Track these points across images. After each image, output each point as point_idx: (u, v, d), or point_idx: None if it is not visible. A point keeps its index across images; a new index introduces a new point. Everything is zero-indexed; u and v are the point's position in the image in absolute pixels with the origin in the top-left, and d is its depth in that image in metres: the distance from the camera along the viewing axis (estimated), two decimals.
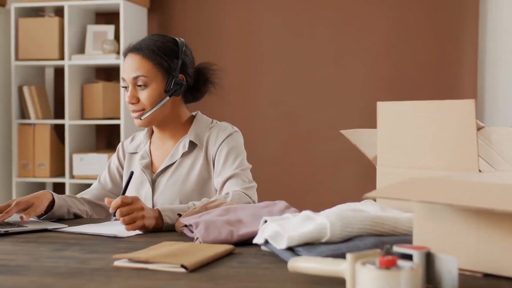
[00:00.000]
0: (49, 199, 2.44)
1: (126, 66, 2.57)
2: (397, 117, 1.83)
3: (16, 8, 5.34)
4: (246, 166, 2.55)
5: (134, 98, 2.55)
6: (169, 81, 2.56)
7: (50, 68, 5.75)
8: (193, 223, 1.95)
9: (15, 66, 5.32)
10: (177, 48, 2.61)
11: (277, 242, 1.62)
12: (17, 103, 5.36)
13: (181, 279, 1.47)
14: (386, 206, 1.80)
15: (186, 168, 2.57)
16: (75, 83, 5.33)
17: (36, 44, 5.29)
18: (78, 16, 5.37)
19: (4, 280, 1.50)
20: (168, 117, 2.61)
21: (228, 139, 2.56)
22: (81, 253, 1.80)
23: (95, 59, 5.25)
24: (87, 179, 5.18)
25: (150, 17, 5.56)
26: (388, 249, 1.30)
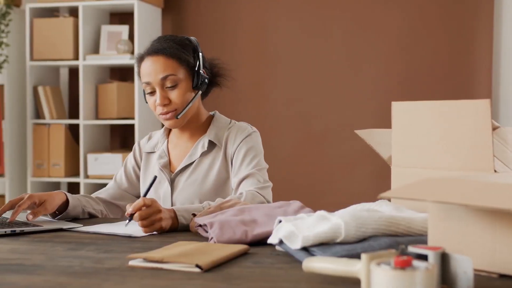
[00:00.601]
0: (62, 199, 2.44)
1: (149, 69, 2.52)
2: (412, 117, 1.83)
3: (31, 9, 5.36)
4: (262, 166, 2.54)
5: (166, 99, 2.51)
6: (195, 76, 2.55)
7: (65, 68, 5.77)
8: (208, 223, 1.95)
9: (30, 66, 5.35)
10: (193, 44, 2.60)
11: (291, 242, 1.62)
12: (32, 103, 5.38)
13: (196, 279, 1.47)
14: (400, 206, 1.80)
15: (205, 168, 2.56)
16: (89, 83, 5.35)
17: (50, 44, 5.31)
18: (93, 16, 5.38)
19: (20, 279, 1.51)
20: (191, 117, 2.60)
21: (247, 139, 2.56)
22: (96, 252, 1.80)
23: (109, 59, 5.26)
24: (101, 179, 5.19)
25: (164, 17, 5.57)
26: (403, 249, 1.30)
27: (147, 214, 2.09)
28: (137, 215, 2.09)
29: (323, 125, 5.26)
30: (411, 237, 1.62)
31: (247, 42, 5.41)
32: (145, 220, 2.09)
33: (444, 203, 1.46)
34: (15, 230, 2.13)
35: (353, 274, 1.32)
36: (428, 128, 1.79)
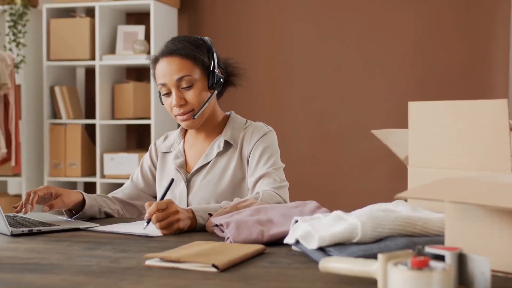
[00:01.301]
0: (79, 197, 2.45)
1: (164, 70, 2.51)
2: (428, 117, 1.82)
3: (48, 9, 5.38)
4: (279, 166, 2.54)
5: (182, 99, 2.50)
6: (211, 76, 2.55)
7: (81, 68, 5.79)
8: (224, 222, 1.95)
9: (46, 66, 5.37)
10: (208, 44, 2.60)
11: (308, 242, 1.62)
12: (48, 103, 5.41)
13: (212, 279, 1.47)
14: (417, 206, 1.79)
15: (220, 168, 2.56)
16: (106, 83, 5.36)
17: (67, 44, 5.33)
18: (109, 16, 5.40)
19: (37, 278, 1.51)
20: (207, 117, 2.60)
21: (263, 138, 2.56)
22: (112, 252, 1.81)
23: (125, 59, 5.28)
24: (117, 179, 5.21)
25: (180, 17, 5.58)
26: (420, 249, 1.29)
27: (164, 216, 2.10)
28: (154, 218, 2.09)
29: (339, 125, 5.26)
30: (427, 238, 1.62)
31: (263, 42, 5.41)
32: (162, 221, 2.09)
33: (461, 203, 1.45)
34: (32, 229, 2.14)
35: (369, 274, 1.32)
36: (445, 128, 1.78)
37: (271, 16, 5.39)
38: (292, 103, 5.35)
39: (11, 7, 5.31)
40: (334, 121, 5.27)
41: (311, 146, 5.32)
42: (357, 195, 5.19)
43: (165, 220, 2.09)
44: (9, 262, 1.70)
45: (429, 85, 5.08)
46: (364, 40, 5.22)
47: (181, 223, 2.12)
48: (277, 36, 5.39)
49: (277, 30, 5.39)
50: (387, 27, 5.18)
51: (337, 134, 5.26)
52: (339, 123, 5.26)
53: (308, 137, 5.32)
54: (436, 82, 5.08)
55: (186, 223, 2.14)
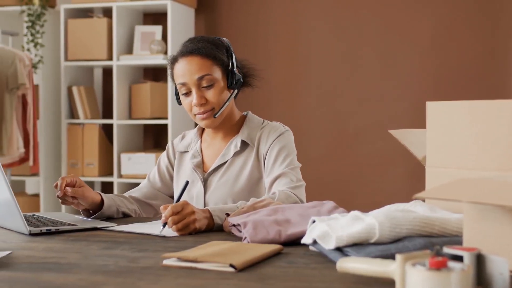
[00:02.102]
0: (97, 197, 2.46)
1: (184, 70, 2.51)
2: (447, 117, 1.81)
3: (65, 9, 5.41)
4: (295, 165, 2.53)
5: (203, 98, 2.50)
6: (230, 76, 2.55)
7: (99, 69, 5.82)
8: (241, 222, 1.95)
9: (64, 66, 5.39)
10: (226, 44, 2.60)
11: (325, 242, 1.62)
12: (66, 103, 5.43)
13: (230, 279, 1.47)
14: (435, 206, 1.79)
15: (237, 168, 2.56)
16: (123, 83, 5.38)
17: (85, 44, 5.36)
18: (126, 16, 5.42)
19: (55, 277, 1.52)
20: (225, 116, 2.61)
21: (280, 138, 2.55)
22: (130, 252, 1.81)
23: (143, 59, 5.29)
24: (135, 179, 5.23)
25: (197, 17, 5.59)
26: (438, 250, 1.29)
27: (180, 218, 2.10)
28: (170, 220, 2.09)
29: (356, 124, 5.25)
30: (445, 238, 1.61)
31: (280, 42, 5.41)
32: (179, 224, 2.09)
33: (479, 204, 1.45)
34: (51, 229, 2.15)
35: (387, 274, 1.32)
36: (463, 128, 1.78)
37: (288, 16, 5.39)
38: (309, 103, 5.35)
39: (29, 7, 5.34)
40: (351, 121, 5.26)
41: (328, 146, 5.31)
42: (374, 195, 5.18)
43: (181, 222, 2.09)
44: (28, 261, 1.71)
45: (446, 85, 5.07)
46: (381, 40, 5.21)
47: (198, 224, 2.12)
48: (294, 36, 5.39)
49: (294, 30, 5.39)
50: (404, 27, 5.16)
51: (354, 134, 5.26)
52: (356, 123, 5.25)
53: (325, 137, 5.31)
54: (453, 82, 5.06)
55: (203, 223, 2.14)
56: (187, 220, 2.10)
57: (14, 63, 4.85)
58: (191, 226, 2.11)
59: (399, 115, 5.15)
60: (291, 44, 5.40)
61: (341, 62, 5.29)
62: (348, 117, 5.27)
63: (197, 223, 2.11)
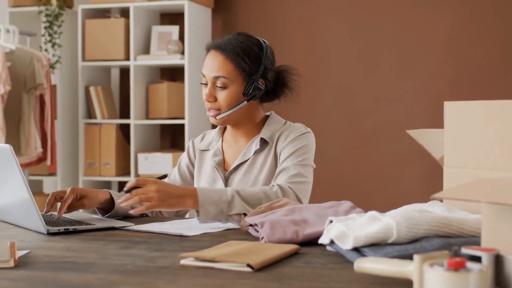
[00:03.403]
0: (106, 196, 2.47)
1: (208, 62, 2.55)
2: (464, 117, 1.81)
3: (83, 10, 5.43)
4: (307, 163, 2.52)
5: (212, 97, 2.52)
6: (249, 85, 2.54)
7: (116, 69, 5.84)
8: (258, 222, 1.95)
9: (82, 66, 5.42)
10: (261, 53, 2.59)
11: (342, 243, 1.61)
12: (83, 103, 5.45)
13: (247, 279, 1.47)
14: (453, 207, 1.78)
15: (258, 166, 2.56)
16: (140, 83, 5.40)
17: (102, 45, 5.38)
18: (143, 17, 5.43)
19: (73, 277, 1.53)
20: (244, 118, 2.59)
21: (298, 138, 2.55)
22: (147, 251, 1.82)
23: (159, 59, 5.31)
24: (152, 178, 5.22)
25: (214, 17, 5.59)
26: (456, 250, 1.28)
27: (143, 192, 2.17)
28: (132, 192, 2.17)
29: (373, 124, 5.24)
30: (463, 238, 1.60)
31: (297, 41, 5.41)
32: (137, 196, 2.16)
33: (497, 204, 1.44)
34: (68, 228, 2.16)
35: (405, 275, 1.31)
36: (482, 128, 1.77)
37: (305, 15, 5.39)
38: (326, 103, 5.34)
39: (47, 8, 5.37)
40: (368, 121, 5.25)
41: (345, 146, 5.31)
42: (391, 195, 5.16)
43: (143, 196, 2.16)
44: (46, 260, 1.72)
45: (463, 85, 5.05)
46: (398, 40, 5.20)
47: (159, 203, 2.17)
48: (310, 36, 5.39)
49: (310, 29, 5.39)
50: (420, 27, 5.15)
51: (371, 134, 5.25)
52: (373, 123, 5.24)
53: (342, 137, 5.31)
54: (470, 81, 5.04)
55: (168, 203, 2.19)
56: (148, 196, 2.16)
57: (32, 63, 4.87)
58: (154, 202, 2.16)
59: (416, 115, 5.13)
60: (308, 44, 5.39)
61: (358, 62, 5.28)
62: (365, 117, 5.26)
63: (158, 202, 2.16)
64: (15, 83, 4.83)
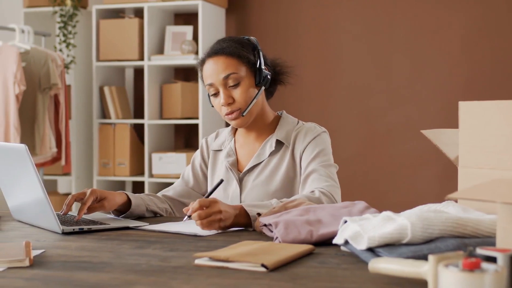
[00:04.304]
0: (124, 199, 2.46)
1: (211, 71, 2.53)
2: (479, 117, 1.80)
3: (97, 10, 5.45)
4: (331, 164, 2.52)
5: (230, 97, 2.51)
6: (258, 73, 2.55)
7: (130, 69, 5.85)
8: (273, 222, 1.95)
9: (96, 67, 5.43)
10: (253, 43, 2.60)
11: (357, 243, 1.61)
12: (98, 103, 5.47)
13: (262, 278, 1.47)
14: (467, 207, 1.77)
15: (272, 168, 2.55)
16: (154, 83, 5.41)
17: (116, 45, 5.39)
18: (157, 17, 5.44)
19: (89, 276, 1.53)
20: (256, 116, 2.59)
21: (317, 138, 2.55)
22: (162, 251, 1.82)
23: (174, 60, 5.31)
24: (166, 178, 5.25)
25: (228, 17, 5.60)
26: (471, 251, 1.28)
27: (207, 215, 2.10)
28: (196, 215, 2.10)
29: (387, 124, 5.23)
30: (478, 239, 1.60)
31: (311, 41, 5.41)
32: (204, 219, 2.09)
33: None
34: (83, 228, 2.17)
35: (420, 275, 1.31)
36: (497, 128, 1.76)
37: (319, 15, 5.38)
38: (340, 102, 5.34)
39: (61, 8, 5.39)
40: (383, 120, 5.24)
41: (359, 146, 5.30)
42: (406, 195, 5.15)
43: (207, 219, 2.09)
44: (61, 260, 1.73)
45: (478, 85, 5.03)
46: (413, 39, 5.18)
47: (222, 223, 2.11)
48: (324, 35, 5.38)
49: (324, 29, 5.38)
50: (435, 26, 5.13)
51: (386, 134, 5.24)
52: (388, 123, 5.23)
53: (356, 137, 5.30)
54: (485, 81, 5.02)
55: (229, 222, 2.13)
56: (213, 218, 2.09)
57: (47, 64, 4.89)
58: (215, 224, 2.10)
59: (430, 115, 5.12)
60: (322, 44, 5.39)
61: (372, 61, 5.27)
62: (379, 117, 5.25)
63: (221, 223, 2.11)
64: (30, 83, 4.85)
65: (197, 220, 2.09)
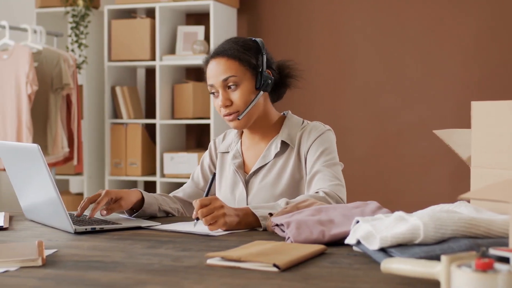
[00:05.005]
0: (138, 197, 2.48)
1: (212, 72, 2.54)
2: (492, 117, 1.80)
3: (109, 10, 5.46)
4: (336, 163, 2.52)
5: (228, 100, 2.52)
6: (258, 77, 2.54)
7: (142, 69, 5.86)
8: (284, 222, 1.95)
9: (108, 67, 5.45)
10: (258, 46, 2.59)
11: (369, 243, 1.61)
12: (109, 103, 5.48)
13: (274, 278, 1.47)
14: (480, 207, 1.77)
15: (278, 169, 2.55)
16: (166, 83, 5.42)
17: (128, 45, 5.40)
18: (169, 17, 5.45)
19: (101, 276, 1.54)
20: (259, 118, 2.60)
21: (321, 137, 2.54)
22: (174, 250, 1.82)
23: (185, 60, 5.32)
24: (177, 178, 5.25)
25: (240, 17, 5.60)
26: (484, 251, 1.28)
27: (209, 211, 2.10)
28: (199, 214, 2.10)
29: (399, 124, 5.22)
30: (491, 239, 1.59)
31: (322, 41, 5.40)
32: (208, 216, 2.10)
33: None
34: (95, 227, 2.17)
35: (432, 275, 1.31)
36: (509, 128, 1.76)
37: (331, 15, 5.38)
38: (352, 102, 5.33)
39: (73, 8, 5.41)
40: (394, 121, 5.23)
41: (372, 146, 5.29)
42: (418, 195, 5.14)
43: (210, 215, 2.10)
44: (73, 259, 1.73)
45: (491, 85, 5.01)
46: (424, 39, 5.17)
47: (228, 218, 2.11)
48: (336, 35, 5.38)
49: (336, 29, 5.37)
50: (447, 26, 5.12)
51: (398, 134, 5.23)
52: (400, 123, 5.22)
53: (368, 137, 5.29)
54: (498, 81, 5.00)
55: (234, 219, 2.13)
56: (216, 213, 2.10)
57: (59, 64, 4.91)
58: (221, 220, 2.10)
59: (442, 115, 5.10)
60: (334, 44, 5.38)
61: (384, 61, 5.26)
62: (391, 117, 5.24)
63: (227, 218, 2.11)
64: (42, 84, 4.87)
65: (202, 218, 2.10)
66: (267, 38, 5.32)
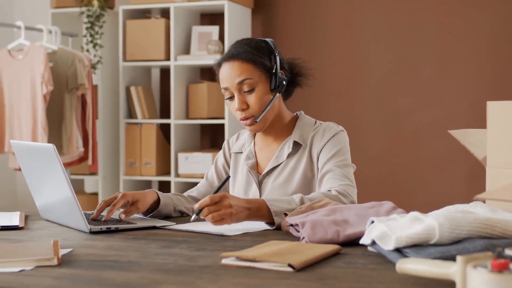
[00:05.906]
0: (154, 197, 2.48)
1: (226, 75, 2.53)
2: (508, 117, 1.79)
3: (124, 10, 5.47)
4: (348, 164, 2.51)
5: (244, 103, 2.51)
6: (273, 78, 2.54)
7: (156, 69, 5.87)
8: (299, 222, 1.95)
9: (122, 67, 5.46)
10: (270, 46, 2.59)
11: (384, 243, 1.61)
12: (124, 103, 5.50)
13: (288, 278, 1.47)
14: (496, 208, 1.76)
15: (291, 169, 2.55)
16: (180, 83, 5.42)
17: (142, 45, 5.42)
18: (184, 17, 5.46)
19: (116, 275, 1.54)
20: (273, 119, 2.59)
21: (334, 138, 2.53)
22: (189, 250, 1.83)
23: (200, 60, 5.33)
24: (192, 178, 5.26)
25: (254, 17, 5.60)
26: (500, 252, 1.27)
27: (217, 209, 2.09)
28: (206, 210, 2.09)
29: (414, 124, 5.21)
30: (507, 240, 1.59)
31: (337, 41, 5.39)
32: (215, 214, 2.09)
33: None
34: (110, 227, 2.18)
35: (448, 276, 1.30)
36: None
37: (345, 15, 5.37)
38: (367, 102, 5.32)
39: (88, 9, 5.42)
40: (409, 120, 5.22)
41: (386, 145, 5.28)
42: (433, 195, 5.13)
43: (218, 213, 2.09)
44: (89, 259, 1.74)
45: (506, 84, 4.99)
46: (439, 39, 5.16)
47: (234, 218, 2.11)
48: (351, 35, 5.37)
49: (351, 29, 5.37)
50: (462, 26, 5.10)
51: (412, 134, 5.21)
52: (415, 123, 5.20)
53: (383, 137, 5.28)
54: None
55: (240, 216, 2.13)
56: (223, 212, 2.09)
57: (74, 64, 4.93)
58: (227, 219, 2.10)
59: (458, 115, 5.09)
60: (348, 44, 5.38)
61: (399, 61, 5.25)
62: (406, 117, 5.23)
63: (233, 217, 2.10)
64: (57, 84, 4.89)
65: (208, 215, 2.09)
66: (281, 38, 5.32)
